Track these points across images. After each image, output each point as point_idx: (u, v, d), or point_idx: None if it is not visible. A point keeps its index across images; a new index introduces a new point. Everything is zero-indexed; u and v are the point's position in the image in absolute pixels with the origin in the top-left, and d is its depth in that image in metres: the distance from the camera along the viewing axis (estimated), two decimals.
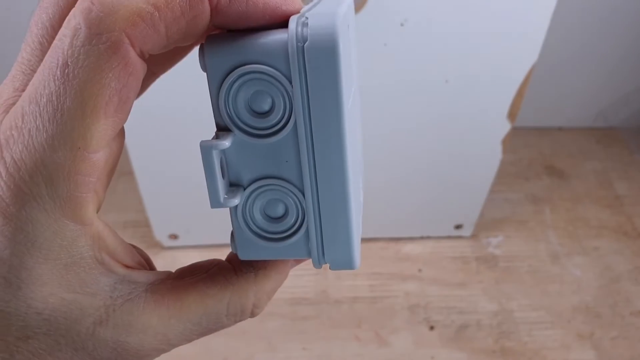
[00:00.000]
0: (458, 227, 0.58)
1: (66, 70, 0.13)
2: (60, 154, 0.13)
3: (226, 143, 0.15)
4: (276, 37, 0.14)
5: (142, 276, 0.16)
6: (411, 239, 0.60)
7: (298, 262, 0.18)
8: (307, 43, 0.13)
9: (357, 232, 0.17)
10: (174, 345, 0.16)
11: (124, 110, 0.14)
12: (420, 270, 0.57)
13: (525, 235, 0.61)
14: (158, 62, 0.17)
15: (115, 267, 0.15)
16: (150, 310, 0.15)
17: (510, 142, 0.49)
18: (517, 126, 0.52)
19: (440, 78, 0.43)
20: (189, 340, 0.16)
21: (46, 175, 0.13)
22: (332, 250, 0.16)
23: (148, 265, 0.17)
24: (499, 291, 0.56)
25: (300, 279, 0.55)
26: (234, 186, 0.16)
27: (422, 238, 0.60)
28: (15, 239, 0.14)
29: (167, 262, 0.56)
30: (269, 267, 0.17)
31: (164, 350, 0.16)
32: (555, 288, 0.56)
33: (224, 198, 0.15)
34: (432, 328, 0.52)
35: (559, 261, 0.59)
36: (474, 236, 0.60)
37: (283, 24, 0.14)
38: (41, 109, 0.13)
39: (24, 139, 0.13)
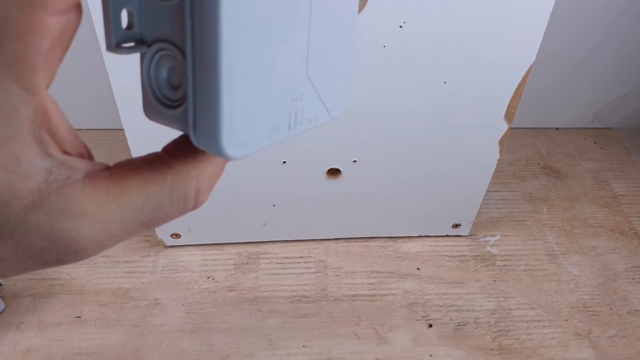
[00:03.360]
0: (456, 226, 0.59)
1: None
2: (12, 8, 0.12)
3: None
4: None
5: (81, 163, 0.15)
6: (409, 237, 0.60)
7: None
8: None
9: (254, 116, 0.16)
10: (113, 238, 0.15)
11: None
12: (418, 268, 0.57)
13: (523, 235, 0.62)
14: None
15: (53, 150, 0.14)
16: (89, 195, 0.14)
17: (508, 142, 0.50)
18: (514, 126, 0.52)
19: (438, 79, 0.44)
20: (130, 232, 0.15)
21: None
22: (202, 130, 0.15)
23: (88, 157, 0.16)
24: (497, 290, 0.56)
25: (300, 277, 0.56)
26: (140, 43, 0.15)
27: (420, 237, 0.60)
28: None
29: (169, 260, 0.57)
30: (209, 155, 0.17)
31: (103, 244, 0.15)
32: (552, 287, 0.57)
33: (118, 44, 0.15)
34: (430, 326, 0.52)
35: (556, 260, 0.59)
36: (471, 235, 0.61)
37: None
38: None
39: None
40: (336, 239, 0.59)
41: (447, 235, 0.60)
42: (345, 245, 0.59)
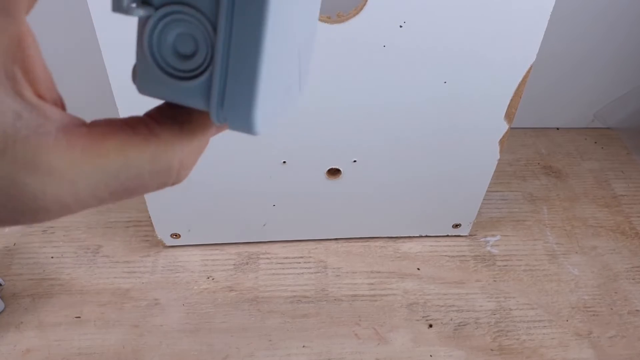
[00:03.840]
0: (456, 226, 0.59)
1: None
2: None
3: None
4: None
5: (56, 113, 0.13)
6: (410, 237, 0.60)
7: (220, 129, 0.16)
8: None
9: (268, 91, 0.15)
10: (79, 203, 0.13)
11: None
12: (418, 268, 0.57)
13: (523, 235, 0.62)
14: None
15: (26, 90, 0.12)
16: (61, 151, 0.12)
17: (508, 142, 0.50)
18: (514, 126, 0.52)
19: (438, 79, 0.44)
20: (100, 200, 0.14)
21: None
22: (232, 104, 0.14)
23: (62, 107, 0.14)
24: (497, 290, 0.56)
25: (300, 277, 0.56)
26: (145, 3, 0.14)
27: (420, 237, 0.60)
28: None
29: (169, 260, 0.57)
30: (194, 122, 0.15)
31: (68, 208, 0.13)
32: (553, 287, 0.57)
33: (128, 3, 0.13)
34: (430, 326, 0.52)
35: (556, 260, 0.59)
36: (471, 235, 0.61)
37: None
38: None
39: None
40: (336, 239, 0.59)
41: (447, 235, 0.60)
42: (345, 246, 0.59)
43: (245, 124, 0.14)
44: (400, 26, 0.39)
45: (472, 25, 0.40)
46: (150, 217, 0.54)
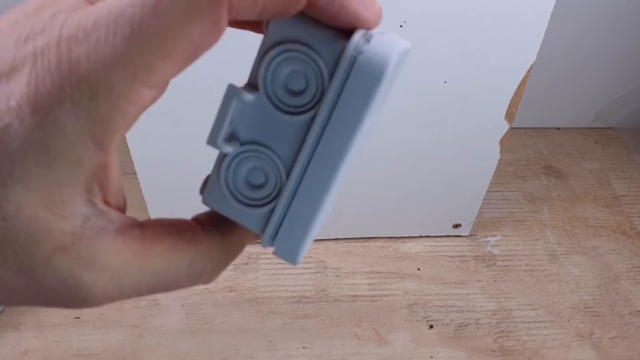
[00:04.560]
0: (456, 226, 0.59)
1: (160, 4, 0.13)
2: (118, 75, 0.13)
3: (250, 97, 0.15)
4: (339, 36, 0.15)
5: (116, 216, 0.15)
6: (410, 237, 0.60)
7: (256, 238, 0.18)
8: (361, 55, 0.14)
9: (314, 233, 0.17)
10: (122, 296, 0.15)
11: (190, 62, 0.14)
12: (419, 269, 0.57)
13: (523, 235, 0.61)
14: None
15: (97, 199, 0.14)
16: (117, 251, 0.14)
17: (508, 142, 0.49)
18: (515, 126, 0.52)
19: (438, 79, 0.44)
20: (139, 294, 0.15)
21: (94, 88, 0.13)
22: (284, 238, 0.16)
23: (123, 209, 0.17)
24: (498, 290, 0.56)
25: (300, 278, 0.56)
26: (233, 138, 0.16)
27: (420, 237, 0.60)
28: (31, 134, 0.13)
29: None
30: (235, 232, 0.17)
31: (111, 299, 0.15)
32: (553, 287, 0.56)
33: (221, 142, 0.16)
34: (431, 327, 0.52)
35: (557, 260, 0.59)
36: (472, 235, 0.61)
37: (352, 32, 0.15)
38: (117, 25, 0.13)
39: (88, 44, 0.13)
40: (336, 239, 0.59)
41: (448, 236, 0.60)
42: (345, 246, 0.59)
43: (290, 257, 0.17)
44: (401, 26, 0.39)
45: (472, 25, 0.40)
46: (149, 218, 0.54)
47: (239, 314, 0.52)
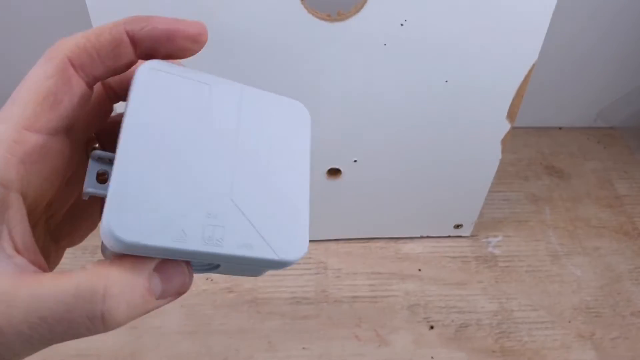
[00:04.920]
0: (458, 226, 0.58)
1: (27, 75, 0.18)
2: (2, 127, 0.16)
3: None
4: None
5: (23, 261, 0.17)
6: (411, 238, 0.60)
7: (161, 275, 0.19)
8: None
9: (135, 198, 0.18)
10: (14, 327, 0.16)
11: (59, 110, 0.17)
12: (420, 269, 0.57)
13: (525, 235, 0.61)
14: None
15: (6, 244, 0.16)
16: (8, 276, 0.16)
17: (510, 141, 0.49)
18: (516, 126, 0.52)
19: (440, 78, 0.43)
20: (30, 326, 0.16)
21: None
22: (105, 210, 0.18)
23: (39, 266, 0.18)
24: (499, 291, 0.56)
25: (300, 279, 0.55)
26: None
27: (421, 237, 0.60)
28: None
29: None
30: (125, 258, 0.18)
31: (1, 331, 0.16)
32: (555, 288, 0.56)
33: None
34: (431, 327, 0.52)
35: (559, 261, 0.59)
36: (473, 236, 0.60)
37: None
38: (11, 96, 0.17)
39: None
40: (336, 239, 0.59)
41: (449, 236, 0.60)
42: (346, 246, 0.59)
43: (104, 224, 0.17)
44: (402, 24, 0.39)
45: (474, 24, 0.40)
46: None
47: (239, 314, 0.52)
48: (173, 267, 0.18)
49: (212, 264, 0.20)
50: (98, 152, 0.19)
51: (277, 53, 0.40)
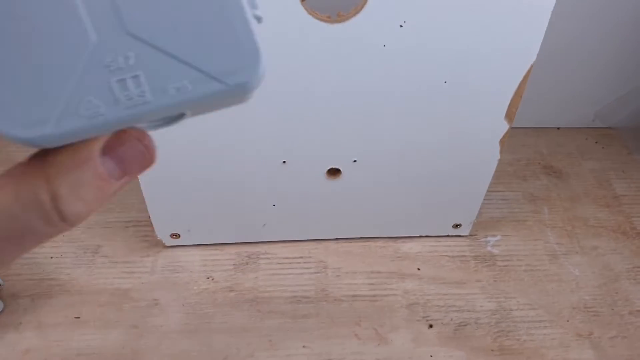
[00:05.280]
0: (456, 226, 0.59)
1: None
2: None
3: None
4: None
5: None
6: (410, 237, 0.60)
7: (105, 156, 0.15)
8: None
9: (9, 87, 0.14)
10: None
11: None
12: (419, 269, 0.57)
13: (524, 235, 0.61)
14: None
15: None
16: None
17: (508, 141, 0.49)
18: (515, 126, 0.52)
19: (438, 79, 0.44)
20: None
21: None
22: None
23: None
24: (497, 290, 0.56)
25: (300, 278, 0.56)
26: None
27: (420, 237, 0.60)
28: None
29: (168, 261, 0.57)
30: (62, 150, 0.15)
31: None
32: (553, 287, 0.56)
33: None
34: (430, 326, 0.52)
35: (557, 260, 0.59)
36: (472, 235, 0.61)
37: None
38: None
39: None
40: (336, 239, 0.59)
41: (448, 236, 0.60)
42: (346, 246, 0.59)
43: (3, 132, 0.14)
44: (401, 26, 0.39)
45: (472, 25, 0.40)
46: (149, 217, 0.54)
47: (239, 313, 0.52)
48: (121, 141, 0.15)
49: (162, 119, 0.16)
50: None
51: (277, 54, 0.40)
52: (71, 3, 0.14)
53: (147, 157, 0.16)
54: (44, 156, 0.15)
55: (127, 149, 0.15)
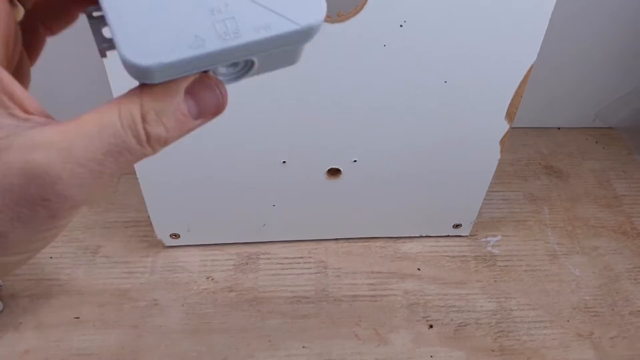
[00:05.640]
0: (457, 226, 0.59)
1: None
2: None
3: None
4: None
5: (41, 119, 0.17)
6: (410, 238, 0.60)
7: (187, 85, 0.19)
8: None
9: (137, 21, 0.18)
10: (81, 164, 0.17)
11: None
12: (419, 269, 0.57)
13: (524, 235, 0.61)
14: (51, 17, 0.21)
15: (17, 111, 0.17)
16: (50, 129, 0.16)
17: (509, 141, 0.49)
18: (515, 126, 0.52)
19: (439, 78, 0.43)
20: (99, 162, 0.17)
21: None
22: (115, 43, 0.18)
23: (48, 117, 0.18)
24: (498, 290, 0.56)
25: (300, 278, 0.56)
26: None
27: (421, 237, 0.60)
28: None
29: (168, 261, 0.57)
30: (155, 86, 0.18)
31: (75, 172, 0.16)
32: (554, 287, 0.56)
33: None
34: (431, 327, 0.52)
35: (557, 260, 0.59)
36: (472, 235, 0.60)
37: None
38: None
39: None
40: (336, 239, 0.59)
41: (448, 236, 0.60)
42: (346, 246, 0.59)
43: (121, 57, 0.17)
44: (401, 25, 0.39)
45: (473, 25, 0.40)
46: (149, 217, 0.54)
47: (239, 313, 0.52)
48: (204, 85, 0.19)
49: (240, 64, 0.20)
50: (90, 8, 0.19)
51: None
52: None
53: (220, 103, 0.19)
54: (142, 88, 0.18)
55: (206, 93, 0.19)
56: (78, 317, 0.51)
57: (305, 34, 0.19)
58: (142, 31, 0.17)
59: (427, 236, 0.60)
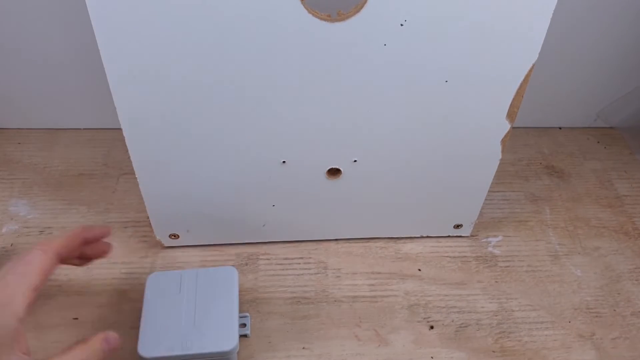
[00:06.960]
0: (457, 226, 0.58)
1: None
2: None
3: None
4: None
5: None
6: (411, 238, 0.60)
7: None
8: None
9: (152, 337, 0.46)
10: None
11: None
12: (419, 269, 0.57)
13: (525, 235, 0.61)
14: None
15: (17, 352, 0.29)
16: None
17: (510, 141, 0.49)
18: (516, 126, 0.52)
19: (439, 78, 0.43)
20: None
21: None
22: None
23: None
24: (499, 291, 0.56)
25: (300, 278, 0.55)
26: None
27: (421, 237, 0.60)
28: None
29: (167, 261, 0.57)
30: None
31: None
32: (555, 288, 0.56)
33: None
34: (431, 327, 0.52)
35: (559, 261, 0.59)
36: (473, 236, 0.60)
37: None
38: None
39: None
40: (336, 239, 0.59)
41: (449, 236, 0.60)
42: (346, 246, 0.59)
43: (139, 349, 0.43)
44: (401, 25, 0.39)
45: (473, 24, 0.40)
46: (148, 218, 0.53)
47: None
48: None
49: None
50: None
51: (277, 53, 0.40)
52: (186, 312, 0.46)
53: None
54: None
55: None
56: (77, 318, 0.51)
57: (224, 355, 0.43)
58: (152, 340, 0.43)
59: (427, 236, 0.60)
